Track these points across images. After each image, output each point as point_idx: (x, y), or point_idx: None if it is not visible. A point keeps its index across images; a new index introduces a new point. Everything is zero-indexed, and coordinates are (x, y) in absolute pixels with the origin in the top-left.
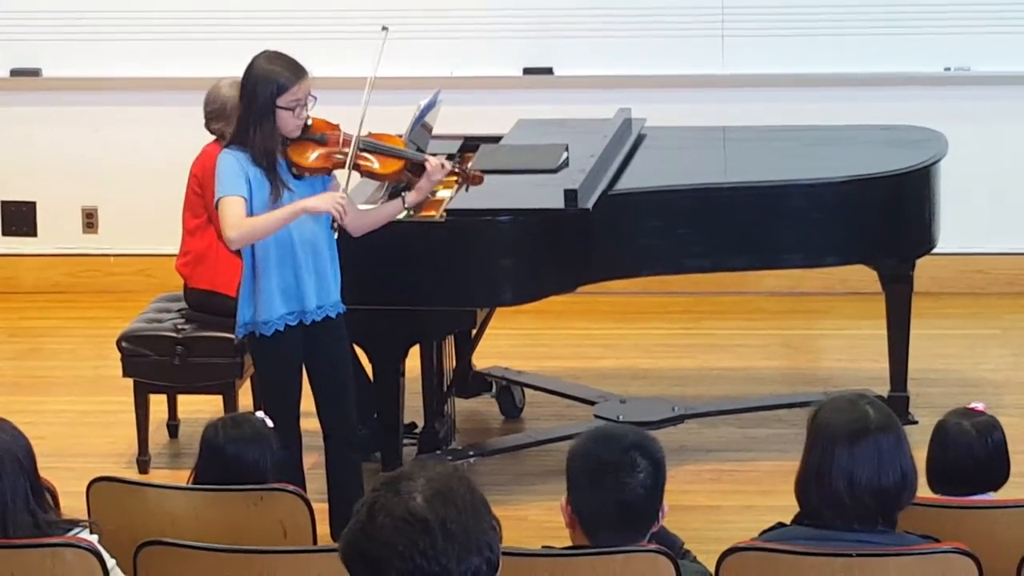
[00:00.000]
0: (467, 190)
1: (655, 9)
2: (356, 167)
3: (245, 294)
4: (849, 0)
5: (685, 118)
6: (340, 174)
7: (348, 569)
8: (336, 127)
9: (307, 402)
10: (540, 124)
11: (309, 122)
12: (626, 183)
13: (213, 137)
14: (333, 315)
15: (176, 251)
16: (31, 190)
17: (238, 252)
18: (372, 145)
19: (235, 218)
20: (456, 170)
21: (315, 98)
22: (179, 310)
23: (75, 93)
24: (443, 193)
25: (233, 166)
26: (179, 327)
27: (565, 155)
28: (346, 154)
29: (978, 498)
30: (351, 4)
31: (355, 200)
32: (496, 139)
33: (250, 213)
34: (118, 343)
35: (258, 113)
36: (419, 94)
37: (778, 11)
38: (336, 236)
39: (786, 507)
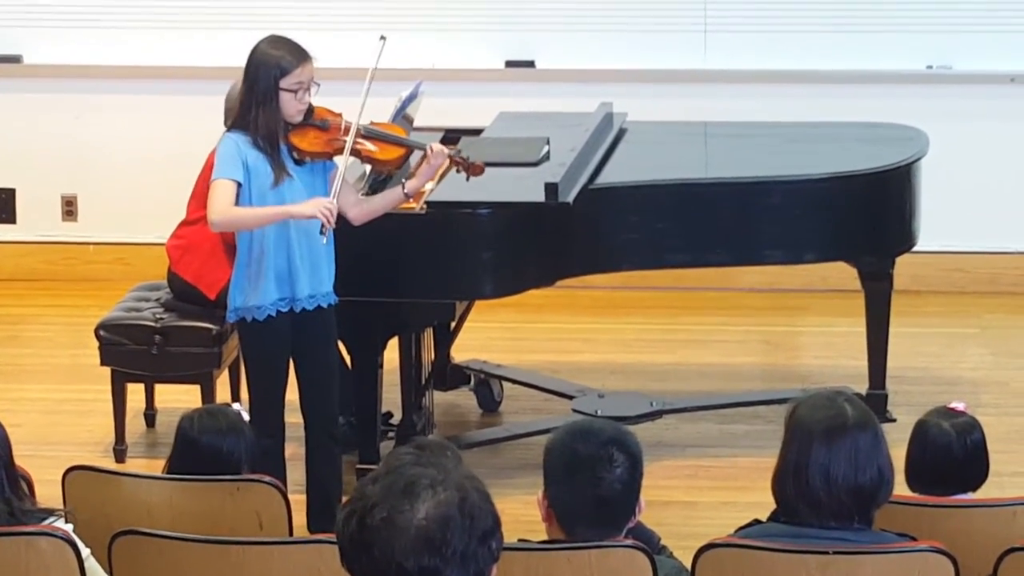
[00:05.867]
0: (467, 179)
1: (638, 3)
2: (357, 153)
3: (239, 279)
4: None
5: (667, 113)
6: (339, 160)
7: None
8: (339, 115)
9: (290, 393)
10: (521, 117)
11: (312, 109)
12: (607, 177)
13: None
14: (324, 305)
15: (154, 240)
16: (10, 177)
17: (230, 250)
18: (373, 132)
19: (223, 203)
20: (457, 158)
21: (318, 84)
22: (157, 299)
23: (56, 80)
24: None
25: (232, 150)
26: (158, 316)
27: (546, 148)
28: (346, 140)
29: (956, 498)
30: None
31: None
32: (477, 131)
33: (247, 198)
34: (96, 331)
35: (261, 95)
36: (401, 85)
37: (760, 6)
38: (325, 242)
39: (763, 503)
